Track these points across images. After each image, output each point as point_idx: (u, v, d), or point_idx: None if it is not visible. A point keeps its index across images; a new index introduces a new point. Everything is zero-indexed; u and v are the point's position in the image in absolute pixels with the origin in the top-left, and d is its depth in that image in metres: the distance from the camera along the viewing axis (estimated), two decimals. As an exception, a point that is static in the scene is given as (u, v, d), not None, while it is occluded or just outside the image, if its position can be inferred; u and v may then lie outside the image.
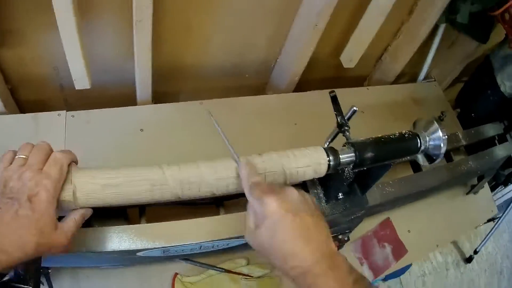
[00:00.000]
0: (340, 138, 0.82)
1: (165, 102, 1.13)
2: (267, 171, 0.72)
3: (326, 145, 0.83)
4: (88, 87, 1.01)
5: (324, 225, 0.63)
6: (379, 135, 0.83)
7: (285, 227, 0.58)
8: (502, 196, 1.70)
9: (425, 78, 1.42)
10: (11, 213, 0.56)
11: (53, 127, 1.02)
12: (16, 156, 0.62)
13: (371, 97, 1.29)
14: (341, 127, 0.82)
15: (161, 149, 1.03)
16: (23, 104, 1.13)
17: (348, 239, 1.04)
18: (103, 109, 1.07)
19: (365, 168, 0.81)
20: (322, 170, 0.76)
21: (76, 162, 0.68)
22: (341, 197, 0.89)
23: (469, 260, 2.27)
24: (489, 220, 2.05)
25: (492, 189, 1.46)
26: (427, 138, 0.86)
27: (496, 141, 1.24)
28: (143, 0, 0.87)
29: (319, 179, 0.89)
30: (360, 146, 0.78)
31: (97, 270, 0.96)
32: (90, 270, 0.96)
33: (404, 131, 0.86)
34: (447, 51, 1.40)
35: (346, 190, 0.89)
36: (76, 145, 0.95)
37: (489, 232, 1.96)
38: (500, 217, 1.74)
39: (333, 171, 0.78)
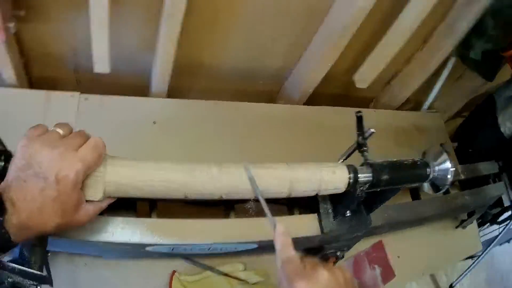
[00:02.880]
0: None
1: (176, 97, 1.13)
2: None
3: (340, 162, 0.85)
4: (107, 71, 1.00)
5: None
6: (394, 159, 0.86)
7: None
8: (484, 235, 1.75)
9: (429, 108, 1.45)
10: (36, 191, 0.54)
11: (64, 107, 1.01)
12: (52, 128, 0.60)
13: (377, 120, 1.32)
14: (361, 146, 0.84)
15: (173, 144, 1.03)
16: (34, 79, 1.11)
17: (343, 257, 1.06)
18: (117, 96, 1.06)
19: (378, 190, 0.83)
20: (341, 187, 0.78)
21: None
22: (348, 214, 0.91)
23: None
24: (467, 258, 2.11)
25: (478, 226, 1.50)
26: (436, 168, 0.88)
27: (491, 180, 1.29)
28: (179, -5, 0.87)
29: (330, 195, 0.91)
30: (378, 167, 0.80)
31: (95, 259, 0.94)
32: (88, 258, 0.94)
33: (416, 159, 0.89)
34: (453, 84, 1.45)
35: (354, 209, 0.91)
36: (87, 128, 0.93)
37: (467, 269, 2.00)
38: (480, 256, 1.78)
39: (350, 188, 0.80)
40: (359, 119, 0.84)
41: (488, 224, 1.60)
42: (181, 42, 1.01)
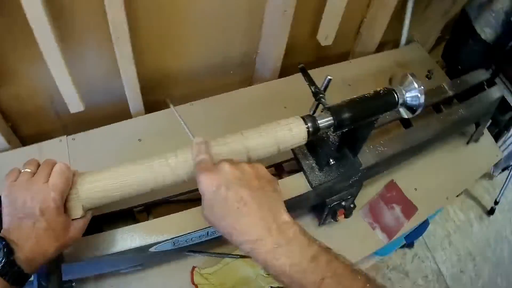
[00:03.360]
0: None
1: (158, 110, 1.18)
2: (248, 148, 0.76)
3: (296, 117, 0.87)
4: (82, 109, 1.06)
5: (271, 196, 0.61)
6: (354, 96, 0.86)
7: (219, 202, 0.58)
8: (511, 143, 1.68)
9: (407, 43, 1.44)
10: (30, 227, 0.61)
11: (56, 153, 1.08)
12: (22, 170, 0.66)
13: (355, 69, 1.32)
14: (316, 95, 0.86)
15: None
16: (25, 138, 1.19)
17: (355, 206, 1.06)
18: (100, 127, 1.13)
19: (345, 130, 0.84)
20: (302, 137, 0.79)
21: None
22: (332, 162, 0.92)
23: (491, 212, 2.24)
24: (504, 169, 2.04)
25: (497, 137, 1.46)
26: (403, 91, 0.88)
27: (485, 87, 1.25)
28: (117, 17, 0.93)
29: (309, 149, 0.93)
30: (336, 109, 0.81)
31: (119, 278, 1.00)
32: (113, 279, 1.00)
33: (378, 89, 0.89)
34: (424, 12, 1.43)
35: (336, 155, 0.92)
36: (80, 164, 0.99)
37: (506, 180, 1.94)
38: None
39: (315, 137, 0.81)
40: (302, 70, 0.87)
41: (505, 133, 1.54)
42: (143, 60, 1.06)
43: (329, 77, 0.88)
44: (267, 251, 0.55)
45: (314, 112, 0.89)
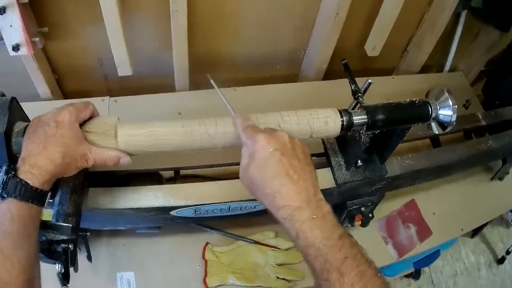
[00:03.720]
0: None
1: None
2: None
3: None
4: (130, 73, 1.11)
5: (312, 173, 0.66)
6: (390, 101, 0.88)
7: (273, 163, 0.62)
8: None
9: (451, 70, 1.45)
10: (41, 136, 0.65)
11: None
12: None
13: (397, 85, 1.34)
14: (355, 94, 0.88)
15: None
16: (68, 94, 1.26)
17: (373, 216, 1.08)
18: (143, 95, 1.17)
19: (377, 132, 0.86)
20: (336, 129, 0.82)
21: None
22: (360, 164, 0.94)
23: (501, 261, 2.20)
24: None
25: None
26: (438, 106, 0.89)
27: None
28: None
29: (339, 147, 0.95)
30: (371, 109, 0.83)
31: (132, 239, 1.04)
32: (125, 238, 1.04)
33: (414, 99, 0.91)
34: (472, 44, 1.44)
35: (364, 157, 0.94)
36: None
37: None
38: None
39: (347, 131, 0.83)
40: (345, 66, 0.89)
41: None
42: (195, 37, 1.10)
43: (369, 80, 0.90)
44: (305, 220, 0.59)
45: (353, 109, 0.92)
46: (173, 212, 0.87)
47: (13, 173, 0.61)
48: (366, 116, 0.82)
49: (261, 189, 0.63)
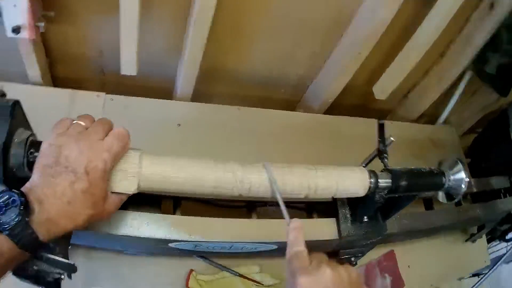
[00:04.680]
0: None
1: (198, 101, 1.16)
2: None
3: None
4: (134, 73, 1.02)
5: None
6: (412, 167, 0.88)
7: None
8: (492, 252, 1.75)
9: (444, 122, 1.47)
10: (66, 184, 0.55)
11: (90, 107, 1.03)
12: (74, 122, 0.61)
13: (393, 131, 1.32)
14: (381, 153, 0.87)
15: (197, 147, 1.05)
16: (58, 80, 1.14)
17: (356, 264, 1.08)
18: (142, 97, 1.09)
19: (396, 195, 0.86)
20: (362, 191, 0.80)
21: None
22: (365, 220, 0.93)
23: None
24: (474, 275, 2.10)
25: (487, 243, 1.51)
26: (451, 177, 0.90)
27: (502, 195, 1.30)
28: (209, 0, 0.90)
29: (349, 200, 0.93)
30: (397, 173, 0.83)
31: (112, 254, 0.97)
32: (105, 253, 0.97)
33: (433, 167, 0.91)
34: (468, 99, 1.46)
35: (372, 215, 0.93)
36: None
37: (473, 286, 2.00)
38: (486, 274, 1.78)
39: (370, 193, 0.82)
40: (381, 127, 0.87)
41: (497, 241, 1.60)
42: (207, 47, 1.04)
43: (392, 138, 0.89)
44: None
45: (366, 165, 0.90)
46: (172, 244, 0.81)
47: (27, 219, 0.51)
48: (390, 180, 0.82)
49: None
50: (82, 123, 0.61)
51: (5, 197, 0.51)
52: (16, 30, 0.85)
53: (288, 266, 0.61)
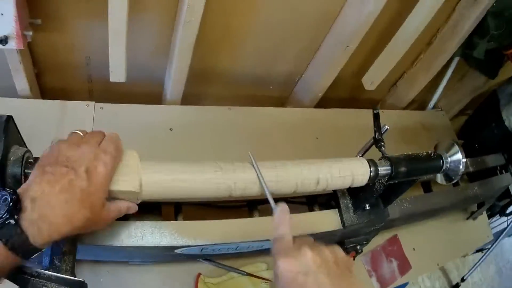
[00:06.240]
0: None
1: (190, 104, 1.15)
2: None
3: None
4: (123, 80, 1.01)
5: (349, 282, 0.59)
6: (410, 153, 0.88)
7: None
8: (493, 228, 1.78)
9: (434, 107, 1.48)
10: (64, 182, 0.53)
11: (80, 117, 1.02)
12: (72, 131, 0.61)
13: (385, 120, 1.33)
14: (378, 142, 0.87)
15: (190, 150, 1.04)
16: (46, 90, 1.13)
17: (361, 251, 1.08)
18: (133, 104, 1.08)
19: (396, 182, 0.86)
20: (363, 180, 0.80)
21: None
22: (367, 208, 0.93)
23: (455, 287, 2.33)
24: (477, 250, 2.13)
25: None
26: (449, 159, 0.91)
27: (498, 172, 1.32)
28: (197, 0, 0.89)
29: (349, 189, 0.93)
30: (395, 161, 0.83)
31: (118, 266, 0.95)
32: (110, 265, 0.95)
33: (430, 152, 0.92)
34: (457, 83, 1.48)
35: (373, 202, 0.93)
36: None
37: (477, 262, 2.02)
38: (489, 248, 1.80)
39: (371, 181, 0.82)
40: (376, 116, 0.87)
41: (498, 216, 1.62)
42: (195, 49, 1.03)
43: (386, 126, 0.89)
44: None
45: (363, 154, 0.91)
46: (178, 250, 0.80)
47: (16, 217, 0.48)
48: (389, 167, 0.82)
49: None
50: (79, 132, 0.61)
51: None
52: (3, 40, 0.82)
53: (272, 249, 0.60)
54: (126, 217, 0.80)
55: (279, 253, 0.58)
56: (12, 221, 0.48)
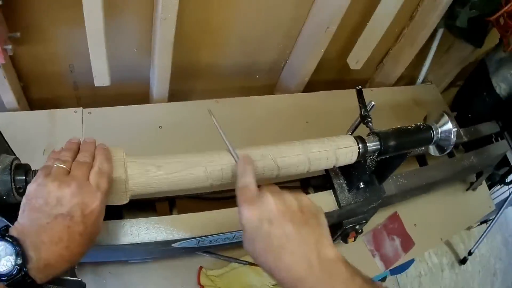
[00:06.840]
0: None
1: (178, 101, 1.15)
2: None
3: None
4: (107, 84, 1.02)
5: (315, 230, 0.56)
6: (398, 126, 0.88)
7: (261, 237, 0.54)
8: (495, 198, 1.77)
9: (423, 81, 1.48)
10: (62, 229, 0.53)
11: (70, 124, 1.03)
12: (55, 165, 0.57)
13: (375, 98, 1.32)
14: (364, 118, 0.87)
15: (181, 146, 1.04)
16: (34, 102, 1.13)
17: (362, 231, 1.08)
18: (120, 106, 1.08)
19: (387, 157, 0.86)
20: (352, 158, 0.80)
21: None
22: (362, 186, 0.93)
23: (463, 261, 2.32)
24: (482, 222, 2.13)
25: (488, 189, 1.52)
26: (439, 130, 0.91)
27: (493, 139, 1.31)
28: (171, -2, 0.89)
29: (342, 169, 0.93)
30: (384, 135, 0.82)
31: (119, 266, 0.96)
32: (112, 265, 0.96)
33: (419, 123, 0.91)
34: (444, 55, 1.48)
35: (367, 180, 0.93)
36: (95, 142, 0.95)
37: (483, 234, 2.02)
38: (493, 219, 1.80)
39: (361, 158, 0.82)
40: (359, 93, 0.87)
41: (499, 185, 1.62)
42: (177, 45, 1.03)
43: (373, 102, 0.89)
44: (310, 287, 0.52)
45: (353, 132, 0.90)
46: (175, 244, 0.80)
47: (25, 270, 0.49)
48: (378, 143, 0.81)
49: (258, 262, 0.56)
50: (62, 165, 0.57)
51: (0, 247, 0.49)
52: (-16, 57, 0.83)
53: (237, 199, 0.59)
54: (120, 216, 0.81)
55: (243, 202, 0.57)
56: (23, 273, 0.49)
